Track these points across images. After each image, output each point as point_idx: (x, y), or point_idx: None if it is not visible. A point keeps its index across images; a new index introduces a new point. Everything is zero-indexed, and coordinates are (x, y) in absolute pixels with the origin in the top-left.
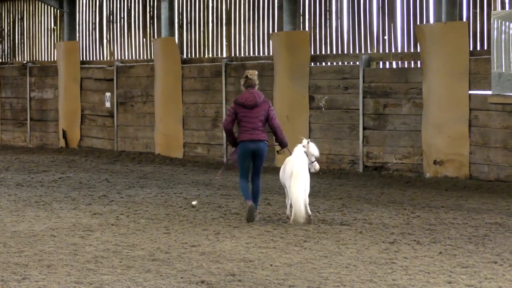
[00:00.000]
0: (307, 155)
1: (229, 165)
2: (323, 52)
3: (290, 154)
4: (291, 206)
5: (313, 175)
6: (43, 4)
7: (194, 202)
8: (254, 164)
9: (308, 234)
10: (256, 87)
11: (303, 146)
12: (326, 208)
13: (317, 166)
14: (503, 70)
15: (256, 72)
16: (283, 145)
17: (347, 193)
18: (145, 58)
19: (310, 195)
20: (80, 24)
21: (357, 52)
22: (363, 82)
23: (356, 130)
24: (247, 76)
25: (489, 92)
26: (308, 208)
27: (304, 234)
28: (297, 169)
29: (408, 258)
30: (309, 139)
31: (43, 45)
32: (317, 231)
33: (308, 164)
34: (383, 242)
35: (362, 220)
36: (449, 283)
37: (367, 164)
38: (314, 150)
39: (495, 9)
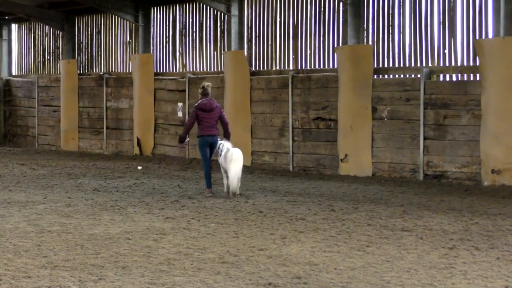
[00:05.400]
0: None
1: (180, 152)
2: (386, 65)
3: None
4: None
5: (371, 182)
6: (119, 18)
7: (139, 167)
8: (210, 152)
9: (371, 239)
10: (209, 95)
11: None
12: (388, 215)
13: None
14: None
15: (211, 84)
16: (227, 136)
17: (408, 200)
18: (215, 70)
19: (372, 201)
20: (154, 38)
21: (419, 65)
22: (424, 94)
23: (417, 140)
24: (203, 87)
25: None
26: (239, 183)
27: (367, 239)
28: (236, 155)
29: (467, 263)
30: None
31: (119, 57)
32: (379, 237)
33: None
34: (443, 247)
35: (423, 226)
36: (506, 287)
37: (427, 173)
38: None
39: None
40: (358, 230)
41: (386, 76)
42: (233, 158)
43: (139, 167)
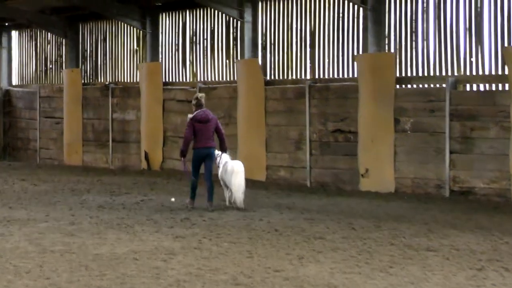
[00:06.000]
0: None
1: (186, 168)
2: (409, 74)
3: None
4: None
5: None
6: (125, 25)
7: (172, 199)
8: (206, 165)
9: (394, 259)
10: (203, 106)
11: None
12: (411, 233)
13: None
14: None
15: (204, 95)
16: (223, 150)
17: (433, 218)
18: (227, 79)
19: (394, 219)
20: (163, 45)
21: (444, 74)
22: (450, 104)
23: (442, 154)
24: (197, 98)
25: None
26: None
27: (389, 259)
28: (237, 168)
29: (497, 285)
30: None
31: (125, 66)
32: (402, 257)
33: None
34: (471, 268)
35: (449, 246)
36: None
37: (454, 189)
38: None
39: None
40: (380, 250)
41: (409, 86)
42: (234, 171)
43: (172, 199)
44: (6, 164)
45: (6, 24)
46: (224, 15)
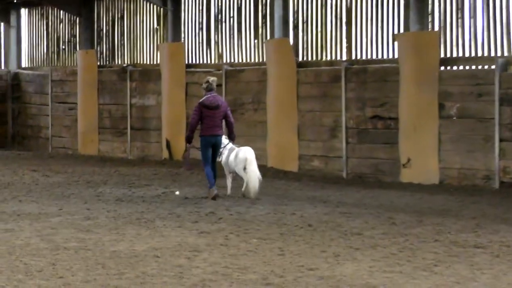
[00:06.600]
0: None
1: (187, 159)
2: (455, 55)
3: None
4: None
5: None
6: (145, 1)
7: (177, 192)
8: (213, 153)
9: (439, 257)
10: (214, 91)
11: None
12: (458, 229)
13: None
14: None
15: (216, 79)
16: (231, 139)
17: (481, 212)
18: (256, 61)
19: (439, 213)
20: (186, 24)
21: (493, 54)
22: (499, 88)
23: (491, 142)
24: (208, 81)
25: None
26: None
27: (433, 257)
28: (250, 155)
29: None
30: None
31: (145, 47)
32: (448, 254)
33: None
34: None
35: (499, 242)
36: None
37: (504, 180)
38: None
39: None
40: (423, 247)
41: (454, 68)
42: (247, 159)
43: (177, 193)
44: (16, 154)
45: (15, 1)
46: None
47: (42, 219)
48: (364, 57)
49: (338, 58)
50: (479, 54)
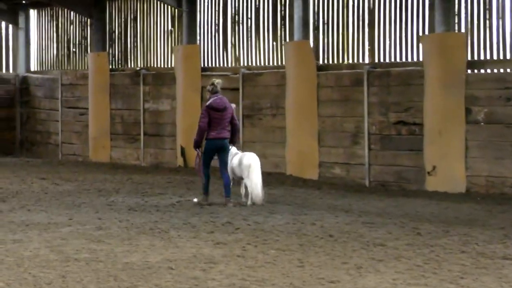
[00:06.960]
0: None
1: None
2: (482, 57)
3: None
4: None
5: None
6: (159, 2)
7: (195, 200)
8: (221, 158)
9: (465, 269)
10: (220, 93)
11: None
12: (485, 239)
13: None
14: None
15: (221, 81)
16: (233, 142)
17: (510, 222)
18: (275, 64)
19: (466, 223)
20: (201, 26)
21: None
22: None
23: None
24: (213, 83)
25: None
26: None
27: (460, 269)
28: (254, 161)
29: None
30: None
31: (158, 49)
32: (475, 266)
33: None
34: None
35: None
36: None
37: None
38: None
39: None
40: (449, 259)
41: (482, 71)
42: (251, 165)
43: (195, 200)
44: (24, 161)
45: (24, 1)
46: None
47: (52, 229)
48: (387, 60)
49: (360, 61)
50: (508, 56)
